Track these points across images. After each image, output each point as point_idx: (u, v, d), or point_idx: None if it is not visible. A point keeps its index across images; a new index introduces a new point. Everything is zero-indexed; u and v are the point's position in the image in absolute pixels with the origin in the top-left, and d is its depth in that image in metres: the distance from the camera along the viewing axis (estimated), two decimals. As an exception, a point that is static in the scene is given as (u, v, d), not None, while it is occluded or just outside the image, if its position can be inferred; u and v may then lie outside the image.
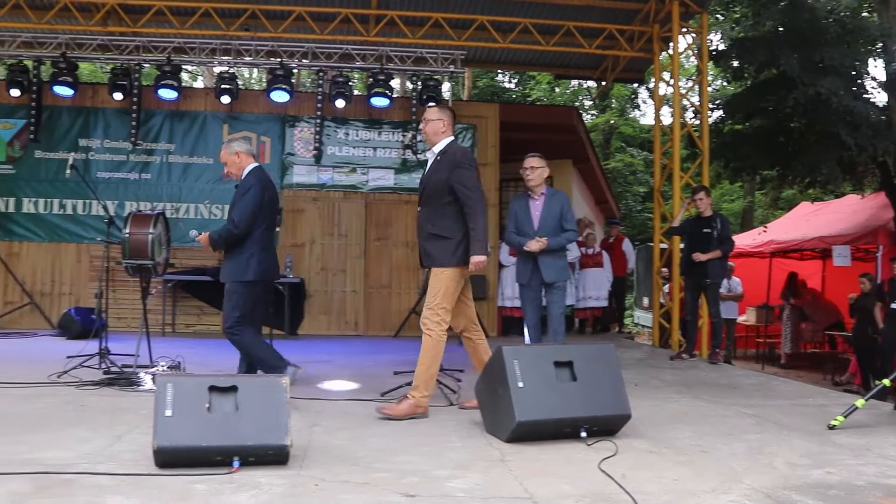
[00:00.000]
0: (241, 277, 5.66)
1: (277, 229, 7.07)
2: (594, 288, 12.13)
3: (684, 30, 11.29)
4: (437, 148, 5.39)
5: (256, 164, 5.88)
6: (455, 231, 5.20)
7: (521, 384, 4.25)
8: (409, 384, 5.90)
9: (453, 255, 5.17)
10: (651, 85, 18.91)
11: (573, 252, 11.75)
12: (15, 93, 10.76)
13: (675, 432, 4.73)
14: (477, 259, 5.11)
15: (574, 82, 27.52)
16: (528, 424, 4.22)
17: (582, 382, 4.39)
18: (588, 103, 29.69)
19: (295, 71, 11.37)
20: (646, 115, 30.74)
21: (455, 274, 5.19)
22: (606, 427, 4.43)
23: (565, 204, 6.45)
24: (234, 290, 5.69)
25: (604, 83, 14.22)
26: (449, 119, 5.44)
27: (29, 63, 10.93)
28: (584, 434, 4.30)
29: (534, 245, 6.18)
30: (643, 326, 17.62)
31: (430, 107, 5.81)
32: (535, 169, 6.38)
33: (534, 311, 6.43)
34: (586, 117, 26.62)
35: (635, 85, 25.96)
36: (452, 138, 5.44)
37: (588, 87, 28.12)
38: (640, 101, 30.09)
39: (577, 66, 13.71)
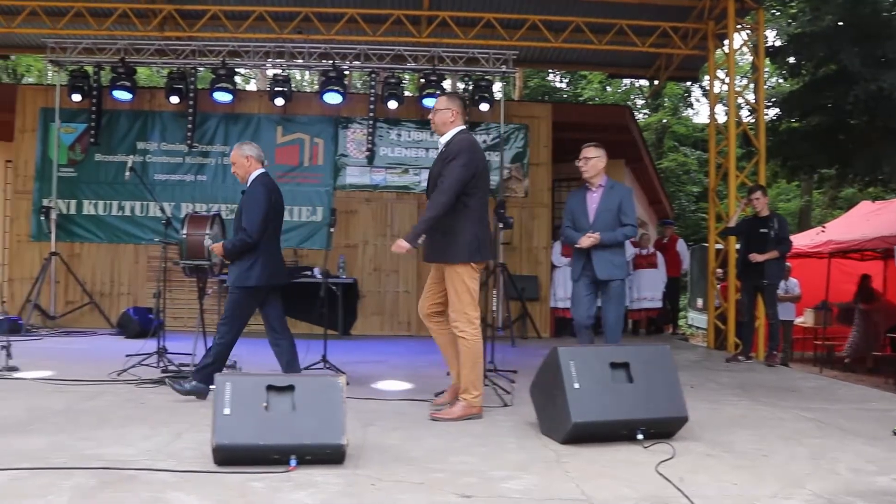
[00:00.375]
0: (244, 283, 5.63)
1: (332, 230, 7.14)
2: (648, 289, 12.00)
3: (739, 26, 11.09)
4: (444, 138, 5.29)
5: (263, 171, 5.84)
6: (460, 226, 5.07)
7: (576, 385, 4.23)
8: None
9: (461, 251, 5.04)
10: (704, 83, 18.69)
11: (628, 251, 11.65)
12: (76, 98, 11.01)
13: (734, 436, 4.65)
14: (399, 243, 5.02)
15: (626, 81, 27.29)
16: (584, 426, 4.19)
17: (638, 384, 4.35)
18: (640, 102, 29.40)
19: (347, 73, 11.43)
20: (699, 113, 30.37)
21: (469, 271, 5.07)
22: (663, 429, 4.38)
23: (625, 197, 6.07)
24: (234, 295, 5.65)
25: (656, 82, 14.05)
26: (458, 109, 5.29)
27: (89, 69, 11.15)
28: (640, 436, 4.26)
29: (585, 241, 5.91)
30: (697, 328, 17.39)
31: (438, 96, 5.69)
32: (589, 160, 6.08)
33: (582, 311, 6.10)
34: (638, 117, 26.31)
35: (688, 83, 25.71)
36: (461, 128, 5.28)
37: (640, 85, 27.86)
38: (692, 99, 29.75)
39: (629, 64, 13.58)
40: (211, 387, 5.55)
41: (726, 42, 11.06)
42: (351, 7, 11.34)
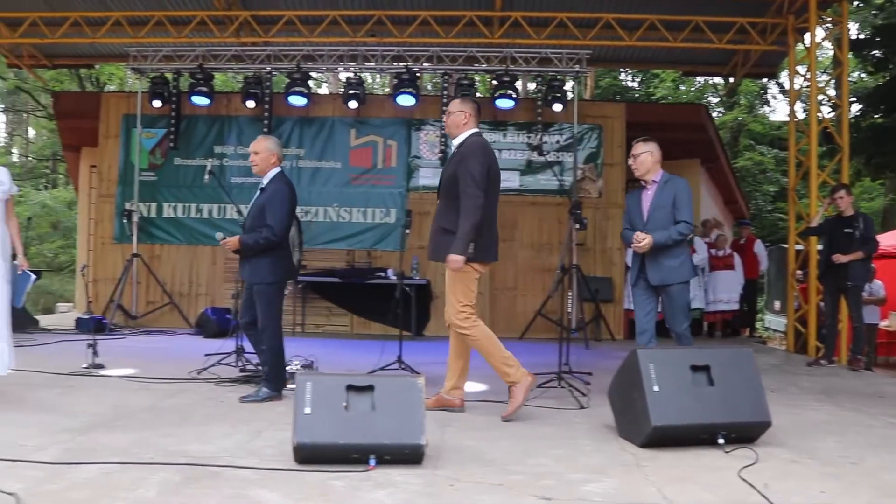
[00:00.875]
0: (266, 279, 5.60)
1: (407, 231, 7.17)
2: (725, 291, 11.75)
3: (821, 19, 10.76)
4: (457, 141, 5.31)
5: (281, 170, 5.81)
6: None
7: (656, 388, 4.16)
8: (539, 386, 5.94)
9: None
10: (782, 79, 18.24)
11: (699, 252, 11.46)
12: (156, 104, 11.33)
13: (819, 442, 4.52)
14: (452, 258, 4.97)
15: (700, 79, 26.77)
16: (664, 429, 4.12)
17: (719, 387, 4.26)
18: (714, 100, 28.83)
19: (419, 75, 11.49)
20: (775, 111, 29.60)
21: (469, 271, 5.09)
22: (745, 434, 4.29)
23: (680, 191, 5.54)
24: (267, 293, 5.63)
25: (732, 79, 13.75)
26: (471, 111, 5.31)
27: (169, 75, 11.46)
28: (721, 441, 4.17)
29: (636, 246, 5.51)
30: (774, 331, 16.98)
31: (453, 99, 5.68)
32: (637, 156, 5.66)
33: (641, 317, 5.69)
34: (713, 115, 25.81)
35: (765, 80, 25.10)
36: (474, 131, 5.30)
37: (715, 83, 27.32)
38: (769, 96, 29.02)
39: (705, 62, 13.29)
40: (289, 387, 5.66)
41: (807, 36, 10.75)
42: (423, 9, 11.39)
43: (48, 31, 11.89)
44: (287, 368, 6.04)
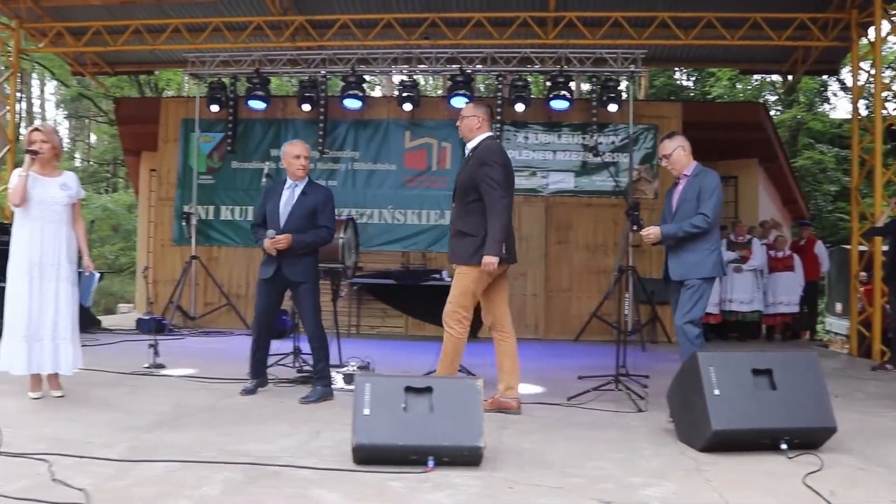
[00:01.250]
0: (313, 278, 5.87)
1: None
2: (785, 293, 11.54)
3: (886, 13, 10.47)
4: (471, 145, 5.42)
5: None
6: (479, 229, 5.16)
7: (717, 392, 4.10)
8: (596, 388, 5.90)
9: (475, 253, 5.14)
10: (843, 76, 17.82)
11: (757, 255, 11.27)
12: (214, 108, 11.53)
13: (887, 449, 4.40)
14: (487, 259, 5.06)
15: (757, 77, 26.27)
16: (725, 434, 4.06)
17: (782, 392, 4.18)
18: (772, 99, 28.28)
19: (472, 76, 11.49)
20: (836, 108, 28.95)
21: (476, 273, 5.17)
22: (809, 440, 4.19)
23: (706, 183, 5.30)
24: (312, 291, 5.84)
25: (791, 76, 13.47)
26: (484, 115, 5.42)
27: (226, 80, 11.64)
28: (784, 446, 4.08)
29: (646, 236, 5.44)
30: (836, 334, 16.59)
31: (466, 104, 5.71)
32: (669, 155, 5.48)
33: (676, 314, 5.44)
34: (771, 113, 25.33)
35: (825, 77, 24.55)
36: (488, 134, 5.42)
37: (772, 81, 26.80)
38: (829, 93, 28.36)
39: (763, 59, 13.06)
40: (345, 387, 5.73)
41: (871, 31, 10.48)
42: (477, 11, 11.40)
43: (111, 40, 12.21)
44: (344, 370, 6.10)
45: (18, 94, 15.60)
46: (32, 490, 3.20)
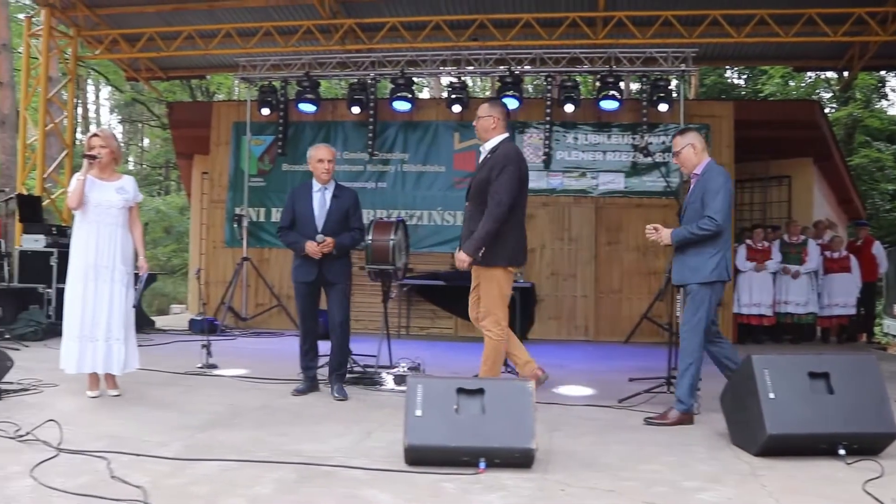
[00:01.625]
0: (350, 279, 6.14)
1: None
2: (841, 294, 11.29)
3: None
4: (489, 145, 5.43)
5: None
6: (502, 233, 5.22)
7: (772, 395, 4.04)
8: (647, 391, 5.85)
9: (500, 256, 5.23)
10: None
11: (813, 256, 11.07)
12: (265, 111, 11.67)
13: (951, 456, 4.28)
14: (459, 256, 5.24)
15: (810, 74, 25.78)
16: (780, 438, 3.99)
17: (839, 396, 4.10)
18: (827, 96, 27.72)
19: (521, 77, 11.45)
20: (894, 105, 28.26)
21: (505, 275, 5.30)
22: (868, 445, 4.09)
23: (708, 182, 5.04)
24: (347, 290, 6.07)
25: (847, 73, 13.18)
26: (500, 115, 5.42)
27: (277, 84, 11.78)
28: (842, 452, 4.00)
29: (656, 236, 5.25)
30: (894, 336, 16.20)
31: (482, 104, 5.69)
32: (679, 153, 5.26)
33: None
34: (826, 111, 24.84)
35: (882, 72, 23.97)
36: (505, 135, 5.43)
37: (827, 77, 26.27)
38: (887, 89, 27.71)
39: (818, 56, 12.81)
40: (397, 389, 5.79)
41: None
42: (526, 12, 11.38)
43: (164, 45, 12.47)
44: (395, 371, 6.15)
45: (75, 100, 15.97)
46: (93, 486, 3.28)
